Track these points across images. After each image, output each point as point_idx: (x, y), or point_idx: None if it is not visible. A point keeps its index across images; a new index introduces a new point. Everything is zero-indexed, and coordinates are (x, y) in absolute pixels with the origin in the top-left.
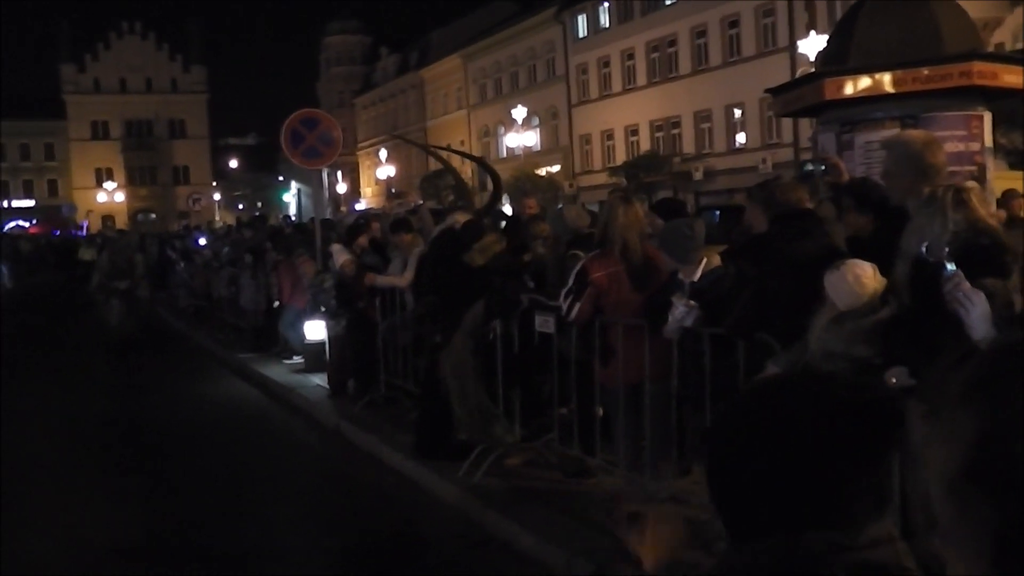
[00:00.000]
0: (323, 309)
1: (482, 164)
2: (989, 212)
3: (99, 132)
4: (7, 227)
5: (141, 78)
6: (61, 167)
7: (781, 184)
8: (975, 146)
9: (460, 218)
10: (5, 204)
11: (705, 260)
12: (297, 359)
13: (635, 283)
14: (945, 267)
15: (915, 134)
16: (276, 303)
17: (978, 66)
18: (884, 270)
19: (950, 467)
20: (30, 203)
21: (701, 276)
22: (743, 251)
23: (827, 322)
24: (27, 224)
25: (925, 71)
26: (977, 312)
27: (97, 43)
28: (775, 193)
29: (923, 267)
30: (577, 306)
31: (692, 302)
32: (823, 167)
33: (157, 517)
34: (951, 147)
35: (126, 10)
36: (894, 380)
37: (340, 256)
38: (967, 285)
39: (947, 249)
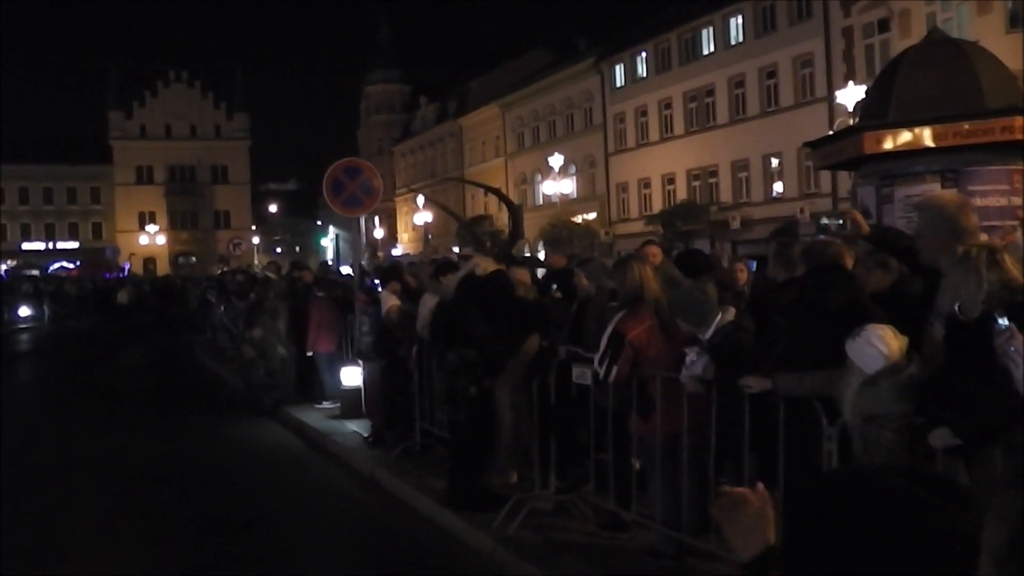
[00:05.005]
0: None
1: (499, 195)
2: (1022, 271)
3: (143, 177)
4: (51, 268)
5: (186, 125)
6: (106, 210)
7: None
8: (1016, 200)
9: (481, 262)
10: (51, 246)
11: (720, 315)
12: (330, 404)
13: (667, 334)
14: (997, 321)
15: (948, 196)
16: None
17: (1020, 121)
18: (913, 325)
19: (998, 540)
20: (75, 245)
21: (715, 332)
22: (779, 304)
23: (859, 387)
24: (71, 266)
25: (966, 125)
26: None
27: (144, 91)
28: (813, 248)
29: (957, 325)
30: (615, 369)
31: (698, 349)
32: (840, 221)
33: (191, 561)
34: (992, 201)
35: (173, 59)
36: (939, 443)
37: (388, 300)
38: (1020, 340)
39: (982, 304)
